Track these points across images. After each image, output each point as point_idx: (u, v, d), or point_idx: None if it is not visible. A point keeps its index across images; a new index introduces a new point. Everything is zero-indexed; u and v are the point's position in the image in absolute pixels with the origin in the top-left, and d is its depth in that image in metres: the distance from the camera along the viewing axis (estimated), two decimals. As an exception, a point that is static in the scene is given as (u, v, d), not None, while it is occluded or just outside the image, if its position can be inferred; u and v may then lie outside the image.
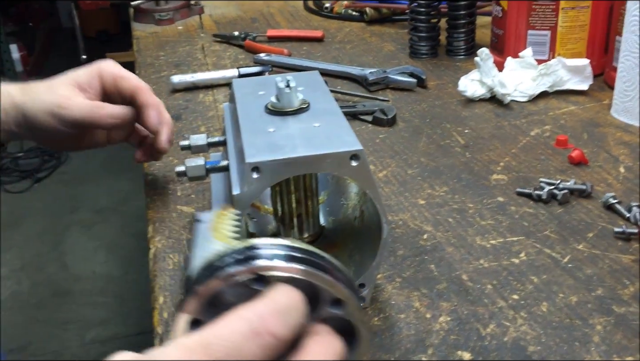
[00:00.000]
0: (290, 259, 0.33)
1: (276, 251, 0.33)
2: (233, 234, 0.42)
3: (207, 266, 0.34)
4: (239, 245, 0.34)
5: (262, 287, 0.33)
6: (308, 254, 0.34)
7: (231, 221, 0.43)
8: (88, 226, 2.50)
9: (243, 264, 0.33)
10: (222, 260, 0.33)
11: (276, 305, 0.31)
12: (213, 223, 0.43)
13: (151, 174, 0.77)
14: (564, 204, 0.66)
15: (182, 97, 1.00)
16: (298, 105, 0.53)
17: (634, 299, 0.53)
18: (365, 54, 1.14)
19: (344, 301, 0.34)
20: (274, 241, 0.34)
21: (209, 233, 0.42)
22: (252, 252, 0.33)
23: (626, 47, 0.79)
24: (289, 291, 0.32)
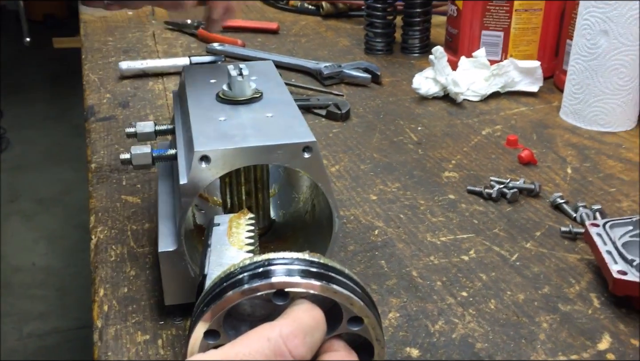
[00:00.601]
0: (310, 275, 0.33)
1: (296, 266, 0.34)
2: (248, 240, 0.42)
3: (225, 277, 0.34)
4: (256, 257, 0.34)
5: (282, 301, 0.33)
6: (328, 269, 0.34)
7: (246, 226, 0.44)
8: (29, 216, 2.41)
9: (264, 279, 0.33)
10: (240, 273, 0.34)
11: (299, 325, 0.32)
12: (229, 226, 0.43)
13: (95, 162, 0.74)
14: (513, 203, 0.67)
15: (131, 84, 0.96)
16: (250, 94, 0.52)
17: (579, 297, 0.53)
18: (321, 48, 1.13)
19: (363, 318, 0.34)
20: (295, 255, 0.34)
21: (225, 238, 0.42)
22: (270, 266, 0.33)
23: (576, 51, 0.80)
24: (311, 310, 0.33)
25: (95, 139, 0.79)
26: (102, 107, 0.89)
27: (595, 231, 0.55)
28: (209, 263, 0.39)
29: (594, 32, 0.77)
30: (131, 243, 0.60)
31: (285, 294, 0.33)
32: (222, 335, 0.34)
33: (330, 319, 0.34)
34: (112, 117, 0.85)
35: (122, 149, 0.76)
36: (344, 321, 0.34)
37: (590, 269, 0.57)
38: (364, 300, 0.34)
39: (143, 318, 0.51)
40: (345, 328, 0.34)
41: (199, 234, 0.55)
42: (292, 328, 0.31)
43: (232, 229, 0.43)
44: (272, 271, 0.33)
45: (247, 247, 0.41)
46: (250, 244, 0.41)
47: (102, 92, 0.94)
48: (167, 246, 0.47)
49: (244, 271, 0.34)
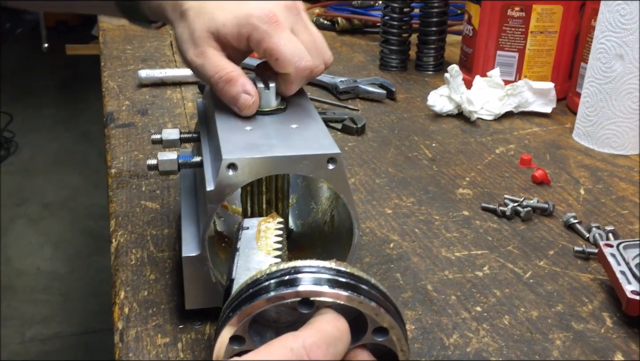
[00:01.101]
0: (336, 284, 0.33)
1: (323, 275, 0.34)
2: (276, 245, 0.42)
3: (252, 283, 0.34)
4: (283, 264, 0.34)
5: (307, 310, 0.33)
6: (354, 279, 0.34)
7: (275, 230, 0.44)
8: (34, 221, 2.42)
9: (290, 287, 0.33)
10: (267, 280, 0.34)
11: (322, 336, 0.31)
12: (257, 231, 0.44)
13: (115, 168, 0.75)
14: (527, 221, 0.68)
15: (149, 92, 0.98)
16: (276, 105, 0.53)
17: (592, 316, 0.54)
18: (336, 63, 1.14)
19: (388, 329, 0.34)
20: (321, 263, 0.34)
21: (253, 242, 0.42)
22: (297, 274, 0.34)
23: (591, 74, 0.82)
24: (335, 320, 0.32)
25: (115, 145, 0.81)
26: (122, 114, 0.90)
27: (609, 252, 0.56)
28: (237, 268, 0.39)
29: (609, 56, 0.78)
30: (151, 247, 0.61)
31: (310, 303, 0.33)
32: (247, 340, 0.34)
33: (355, 328, 0.34)
34: (132, 124, 0.87)
35: (142, 156, 0.78)
36: (369, 331, 0.34)
37: (602, 288, 0.57)
38: (389, 311, 0.34)
39: (163, 321, 0.51)
40: (370, 339, 0.35)
41: (219, 240, 0.56)
42: (315, 339, 0.31)
43: (260, 233, 0.43)
44: (299, 279, 0.33)
45: (275, 252, 0.41)
46: (278, 249, 0.42)
47: (121, 99, 0.95)
48: (190, 251, 0.48)
49: (270, 278, 0.34)
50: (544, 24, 0.93)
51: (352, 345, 0.35)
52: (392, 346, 0.35)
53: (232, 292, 0.37)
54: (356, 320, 0.34)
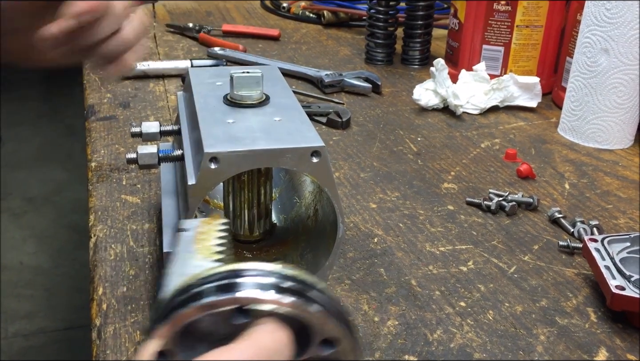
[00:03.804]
0: (278, 290, 0.29)
1: (263, 280, 0.30)
2: (218, 248, 0.37)
3: (184, 289, 0.30)
4: (221, 268, 0.30)
5: (244, 319, 0.29)
6: (299, 284, 0.30)
7: (217, 232, 0.39)
8: (18, 215, 2.39)
9: (224, 293, 0.29)
10: (201, 285, 0.30)
11: (258, 349, 0.28)
12: (197, 233, 0.38)
13: (95, 161, 0.74)
14: (512, 216, 0.67)
15: (132, 85, 0.96)
16: (258, 98, 0.52)
17: (577, 311, 0.54)
18: (321, 56, 1.13)
19: (337, 340, 0.31)
20: (262, 266, 0.30)
21: (192, 245, 0.37)
22: (235, 278, 0.29)
23: (576, 68, 0.81)
24: (275, 331, 0.29)
25: (95, 138, 0.79)
26: (103, 106, 0.89)
27: (593, 246, 0.56)
28: (172, 275, 0.34)
29: (594, 51, 0.78)
30: (131, 242, 0.60)
31: (247, 312, 0.29)
32: (176, 355, 0.30)
33: (302, 340, 0.31)
34: (113, 117, 0.85)
35: (123, 149, 0.76)
36: (315, 343, 0.31)
37: (587, 283, 0.57)
38: (339, 320, 0.31)
39: (142, 317, 0.50)
40: (316, 351, 0.31)
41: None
42: (249, 353, 0.28)
43: (200, 235, 0.38)
44: (236, 284, 0.29)
45: (216, 255, 0.36)
46: (220, 252, 0.37)
47: (102, 92, 0.93)
48: (171, 246, 0.47)
49: (203, 283, 0.30)
50: (530, 18, 0.93)
51: (298, 359, 0.31)
52: (343, 359, 0.31)
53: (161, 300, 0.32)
54: (303, 330, 0.31)
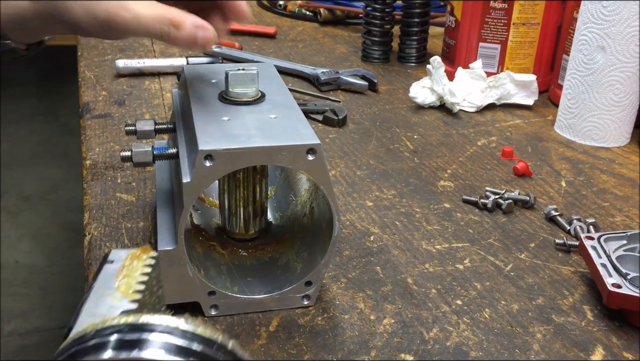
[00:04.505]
0: (180, 353, 0.26)
1: (161, 337, 0.27)
2: (139, 286, 0.34)
3: (80, 338, 0.27)
4: (119, 320, 0.27)
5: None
6: (205, 344, 0.27)
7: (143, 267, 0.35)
8: (13, 213, 2.39)
9: (110, 349, 0.26)
10: (93, 338, 0.27)
11: None
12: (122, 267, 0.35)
13: (90, 159, 0.74)
14: (508, 214, 0.67)
15: (127, 82, 0.96)
16: (253, 95, 0.52)
17: (573, 309, 0.54)
18: (318, 54, 1.13)
19: None
20: (168, 320, 0.27)
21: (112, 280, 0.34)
22: (131, 333, 0.27)
23: (573, 66, 0.81)
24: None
25: (90, 136, 0.79)
26: (98, 104, 0.88)
27: (590, 244, 0.56)
28: (82, 313, 0.32)
29: (591, 48, 0.78)
30: (125, 241, 0.59)
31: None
32: None
33: None
34: (108, 115, 0.85)
35: (118, 147, 0.76)
36: None
37: (583, 281, 0.57)
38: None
39: (137, 316, 0.50)
40: None
41: (196, 234, 0.55)
42: None
43: (125, 269, 0.35)
44: (134, 341, 0.26)
45: (134, 295, 0.33)
46: (140, 291, 0.34)
47: (97, 90, 0.93)
48: (166, 244, 0.47)
49: (96, 336, 0.27)
50: (527, 16, 0.93)
51: None
52: None
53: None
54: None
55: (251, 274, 0.54)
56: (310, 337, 0.50)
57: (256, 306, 0.51)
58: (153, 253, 0.36)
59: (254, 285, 0.52)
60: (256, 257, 0.56)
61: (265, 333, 0.50)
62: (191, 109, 0.50)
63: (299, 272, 0.52)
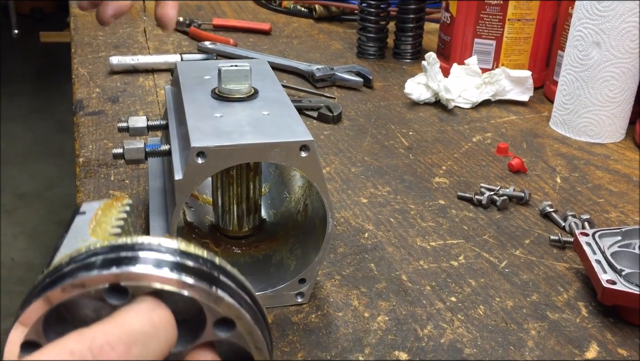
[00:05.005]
0: (162, 265, 0.26)
1: (138, 253, 0.26)
2: (115, 230, 0.33)
3: (54, 268, 0.26)
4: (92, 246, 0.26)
5: (120, 300, 0.26)
6: (191, 259, 0.26)
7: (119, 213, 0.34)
8: (8, 211, 2.38)
9: (91, 271, 0.25)
10: (68, 265, 0.26)
11: (122, 332, 0.24)
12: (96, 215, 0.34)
13: (83, 156, 0.73)
14: (503, 210, 0.67)
15: (121, 79, 0.95)
16: (246, 92, 0.52)
17: (568, 306, 0.54)
18: (313, 50, 1.12)
19: (234, 320, 0.27)
20: (140, 239, 0.26)
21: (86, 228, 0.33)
22: (106, 254, 0.26)
23: (568, 62, 0.81)
24: (147, 311, 0.25)
25: (83, 133, 0.79)
26: (91, 101, 0.88)
27: (584, 241, 0.56)
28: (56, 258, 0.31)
29: (586, 44, 0.78)
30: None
31: (122, 291, 0.25)
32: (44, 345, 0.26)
33: (199, 324, 0.27)
34: (102, 112, 0.84)
35: (111, 144, 0.76)
36: (209, 324, 0.27)
37: (578, 278, 0.57)
38: (235, 297, 0.27)
39: (130, 314, 0.50)
40: (212, 335, 0.27)
41: (189, 231, 0.55)
42: (109, 337, 0.23)
43: (98, 218, 0.34)
44: (105, 260, 0.25)
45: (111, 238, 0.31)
46: (117, 234, 0.32)
47: (91, 87, 0.93)
48: None
49: (72, 262, 0.26)
50: (522, 12, 0.93)
51: (193, 344, 0.28)
52: (242, 343, 0.28)
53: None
54: (200, 314, 0.27)
55: (244, 271, 0.53)
56: (304, 335, 0.49)
57: (250, 303, 0.51)
58: (127, 201, 0.35)
59: (247, 283, 0.52)
60: (250, 254, 0.56)
61: (259, 330, 0.50)
62: (184, 106, 0.50)
63: (293, 269, 0.52)
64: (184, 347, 0.27)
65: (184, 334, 0.27)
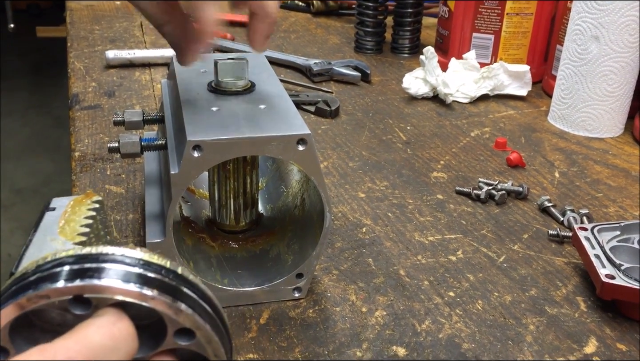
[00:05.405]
0: (125, 278, 0.26)
1: (102, 264, 0.26)
2: (83, 229, 0.33)
3: (21, 276, 0.27)
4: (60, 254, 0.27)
5: (82, 311, 0.26)
6: (153, 270, 0.27)
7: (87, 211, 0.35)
8: (5, 207, 2.37)
9: (54, 282, 0.26)
10: (34, 273, 0.26)
11: (83, 347, 0.24)
12: (65, 212, 0.35)
13: (79, 151, 0.73)
14: (501, 205, 0.67)
15: (117, 73, 0.95)
16: (243, 85, 0.51)
17: (566, 301, 0.53)
18: (310, 45, 1.12)
19: (193, 330, 0.28)
20: (104, 249, 0.27)
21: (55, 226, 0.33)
22: (72, 265, 0.26)
23: (566, 56, 0.81)
24: (108, 325, 0.25)
25: (79, 127, 0.78)
26: (87, 95, 0.87)
27: (583, 235, 0.55)
28: (24, 258, 0.32)
29: (585, 38, 0.78)
30: (114, 233, 0.59)
31: (85, 301, 0.26)
32: (14, 352, 0.27)
33: (161, 330, 0.28)
34: (98, 106, 0.84)
35: (108, 138, 0.75)
36: (169, 333, 0.28)
37: (577, 272, 0.57)
38: (195, 307, 0.27)
39: (126, 309, 0.49)
40: (173, 343, 0.28)
41: (185, 226, 0.54)
42: (71, 353, 0.24)
43: (67, 215, 0.34)
44: (70, 271, 0.26)
45: (79, 238, 0.33)
46: (85, 234, 0.33)
47: (87, 81, 0.92)
48: (155, 237, 0.46)
49: (38, 270, 0.26)
50: (520, 6, 0.92)
51: (152, 352, 0.28)
52: (201, 351, 0.28)
53: None
54: (161, 320, 0.28)
55: (241, 266, 0.53)
56: (302, 330, 0.49)
57: (247, 298, 0.51)
58: (97, 198, 0.36)
59: (244, 278, 0.52)
60: (247, 249, 0.55)
61: (256, 325, 0.49)
62: (180, 99, 0.49)
63: (290, 264, 0.52)
64: (146, 353, 0.28)
65: (146, 340, 0.28)
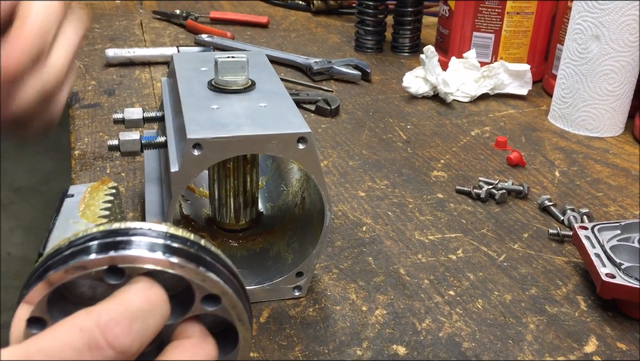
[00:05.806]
0: (154, 248, 0.28)
1: (132, 237, 0.28)
2: (103, 212, 0.36)
3: (52, 253, 0.28)
4: (90, 230, 0.29)
5: (116, 280, 0.28)
6: (179, 242, 0.29)
7: (104, 196, 0.37)
8: (4, 205, 2.37)
9: (91, 254, 0.27)
10: (68, 248, 0.28)
11: (124, 309, 0.26)
12: (84, 198, 0.37)
13: (79, 149, 0.73)
14: (502, 204, 0.67)
15: (117, 72, 0.95)
16: (243, 84, 0.51)
17: (566, 300, 0.53)
18: (310, 43, 1.12)
19: (219, 296, 0.29)
20: (131, 224, 0.29)
21: (76, 211, 0.35)
22: (103, 239, 0.28)
23: (567, 55, 0.81)
24: (145, 290, 0.27)
25: (79, 125, 0.78)
26: (87, 94, 0.87)
27: (583, 234, 0.55)
28: (50, 240, 0.33)
29: (585, 37, 0.78)
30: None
31: (119, 271, 0.28)
32: (51, 323, 0.28)
33: (187, 299, 0.30)
34: (97, 105, 0.84)
35: (107, 137, 0.75)
36: (197, 300, 0.29)
37: (577, 271, 0.57)
38: (220, 275, 0.29)
39: (126, 308, 0.49)
40: (200, 309, 0.30)
41: (185, 224, 0.54)
42: (113, 314, 0.26)
43: (86, 200, 0.36)
44: (102, 244, 0.28)
45: (100, 220, 0.34)
46: (106, 216, 0.35)
47: (87, 79, 0.92)
48: None
49: (71, 245, 0.28)
50: (521, 5, 0.92)
51: (181, 318, 0.30)
52: (227, 316, 0.30)
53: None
54: (186, 291, 0.30)
55: (242, 265, 0.53)
56: (302, 328, 0.49)
57: (247, 297, 0.51)
58: (113, 184, 0.38)
59: (244, 276, 0.51)
60: (247, 248, 0.55)
61: (256, 324, 0.49)
62: (180, 98, 0.49)
63: (290, 263, 0.52)
64: (174, 320, 0.30)
65: (174, 308, 0.29)
